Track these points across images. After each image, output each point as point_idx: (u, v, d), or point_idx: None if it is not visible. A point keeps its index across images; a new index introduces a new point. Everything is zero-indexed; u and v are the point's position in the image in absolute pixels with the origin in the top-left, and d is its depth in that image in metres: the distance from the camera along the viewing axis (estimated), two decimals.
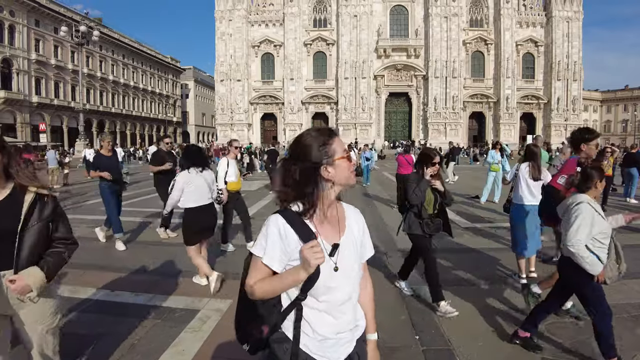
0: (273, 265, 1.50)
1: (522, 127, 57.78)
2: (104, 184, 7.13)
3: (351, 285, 1.56)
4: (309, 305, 1.51)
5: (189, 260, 6.21)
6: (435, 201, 4.48)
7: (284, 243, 1.49)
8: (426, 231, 4.43)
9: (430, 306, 4.44)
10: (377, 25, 55.33)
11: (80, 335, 3.75)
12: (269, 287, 1.50)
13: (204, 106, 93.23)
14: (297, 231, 1.48)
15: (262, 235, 1.54)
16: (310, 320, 1.52)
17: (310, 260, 1.38)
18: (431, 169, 4.36)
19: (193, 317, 4.12)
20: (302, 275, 1.43)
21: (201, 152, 5.49)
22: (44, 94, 50.12)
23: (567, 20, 54.77)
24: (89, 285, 5.08)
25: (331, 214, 1.57)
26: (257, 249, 1.53)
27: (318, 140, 1.52)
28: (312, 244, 1.41)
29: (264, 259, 1.51)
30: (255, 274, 1.53)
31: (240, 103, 56.66)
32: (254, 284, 1.51)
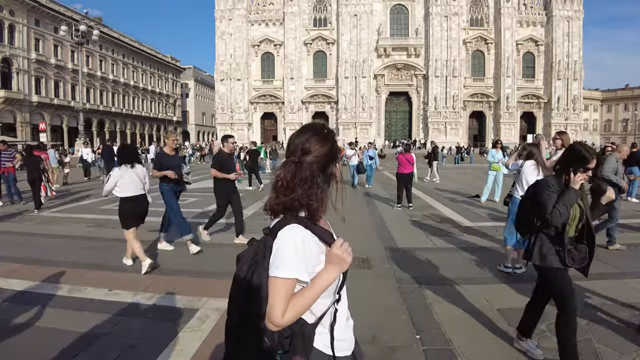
0: (302, 276, 1.33)
1: (523, 126, 57.77)
2: (166, 185, 6.75)
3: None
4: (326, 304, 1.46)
5: (187, 260, 6.21)
6: (580, 220, 3.17)
7: (305, 252, 1.36)
8: (569, 263, 3.12)
9: (431, 305, 4.42)
10: (377, 25, 55.29)
11: (78, 334, 3.74)
12: (303, 302, 1.33)
13: (204, 105, 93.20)
14: (317, 235, 1.39)
15: (294, 256, 1.33)
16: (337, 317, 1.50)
17: (345, 258, 1.36)
18: (583, 176, 3.06)
19: (192, 316, 4.09)
20: (334, 274, 1.36)
21: (132, 151, 6.26)
22: (44, 93, 50.10)
23: (568, 19, 54.73)
24: (88, 284, 5.05)
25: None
26: (286, 271, 1.31)
27: (331, 137, 1.48)
28: (339, 242, 1.38)
29: (299, 275, 1.32)
30: (281, 298, 1.30)
31: (240, 102, 56.65)
32: (286, 311, 1.30)
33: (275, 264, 1.32)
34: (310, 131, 1.47)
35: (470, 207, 11.39)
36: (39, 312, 4.23)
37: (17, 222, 9.54)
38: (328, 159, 1.44)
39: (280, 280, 1.30)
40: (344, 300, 1.52)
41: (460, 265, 6.02)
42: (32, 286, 5.02)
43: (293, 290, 1.33)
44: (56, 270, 5.54)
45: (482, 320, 4.13)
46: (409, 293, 4.80)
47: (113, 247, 7.14)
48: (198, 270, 5.71)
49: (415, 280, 5.22)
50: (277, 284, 1.30)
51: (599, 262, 6.11)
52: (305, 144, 1.43)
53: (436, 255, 6.57)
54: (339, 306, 1.48)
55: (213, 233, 7.97)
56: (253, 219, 9.68)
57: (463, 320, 4.11)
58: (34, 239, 7.82)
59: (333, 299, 1.45)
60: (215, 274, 5.56)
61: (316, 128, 1.48)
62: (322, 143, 1.44)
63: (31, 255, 6.54)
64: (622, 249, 6.76)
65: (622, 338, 3.72)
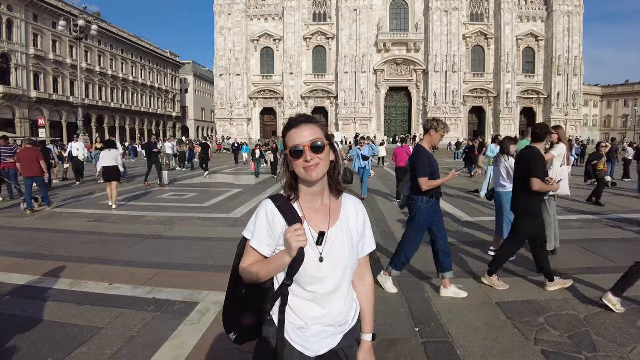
0: (261, 249, 1.53)
1: (522, 122, 57.65)
2: (427, 203, 4.56)
3: (340, 277, 1.53)
4: (296, 294, 1.50)
5: (187, 254, 6.25)
6: None
7: (271, 226, 1.51)
8: None
9: (430, 298, 4.45)
10: (377, 19, 55.07)
11: (79, 327, 3.76)
12: (256, 271, 1.51)
13: (203, 101, 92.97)
14: (285, 215, 1.50)
15: (252, 219, 1.57)
16: (296, 308, 1.51)
17: (292, 243, 1.38)
18: None
19: (192, 309, 4.12)
20: (287, 259, 1.43)
21: (111, 141, 12.12)
22: (43, 89, 49.92)
23: (568, 14, 54.51)
24: (88, 278, 5.08)
25: (322, 203, 1.56)
26: (246, 232, 1.57)
27: (285, 128, 1.56)
28: (295, 227, 1.41)
29: (252, 242, 1.54)
30: (247, 257, 1.56)
31: (239, 98, 56.49)
32: (245, 268, 1.54)
33: (246, 226, 1.60)
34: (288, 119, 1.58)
35: (469, 202, 11.42)
36: (40, 306, 4.25)
37: (18, 217, 9.56)
38: (287, 149, 1.52)
39: (243, 239, 1.60)
40: (305, 299, 1.51)
41: (459, 259, 6.05)
42: (33, 280, 5.04)
43: (253, 251, 1.54)
44: (57, 265, 5.56)
45: (481, 313, 4.16)
46: (408, 286, 4.83)
47: (113, 241, 7.17)
48: (199, 264, 5.73)
49: (415, 274, 5.24)
50: (246, 243, 1.58)
51: (596, 256, 6.16)
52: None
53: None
54: (290, 292, 1.50)
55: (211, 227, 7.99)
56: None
57: (462, 313, 4.14)
58: (35, 233, 7.84)
59: (280, 281, 1.50)
60: (216, 267, 5.58)
61: (288, 121, 1.56)
62: (283, 134, 1.55)
63: (32, 250, 6.55)
64: None
65: (620, 330, 3.75)
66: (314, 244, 1.47)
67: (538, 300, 4.44)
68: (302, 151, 1.46)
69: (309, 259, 1.46)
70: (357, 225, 1.60)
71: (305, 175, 1.48)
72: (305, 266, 1.45)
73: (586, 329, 3.77)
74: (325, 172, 1.51)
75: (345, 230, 1.56)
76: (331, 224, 1.54)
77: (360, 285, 1.68)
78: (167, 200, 12.11)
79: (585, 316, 4.03)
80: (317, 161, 1.47)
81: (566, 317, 4.02)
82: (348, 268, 1.55)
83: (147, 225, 8.49)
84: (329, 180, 1.56)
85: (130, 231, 7.93)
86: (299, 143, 1.47)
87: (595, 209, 10.39)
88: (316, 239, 1.46)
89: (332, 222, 1.54)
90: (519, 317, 4.00)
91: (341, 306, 1.55)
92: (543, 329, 3.78)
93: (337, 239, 1.53)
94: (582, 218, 9.20)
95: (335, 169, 1.58)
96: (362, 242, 1.63)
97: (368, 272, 1.72)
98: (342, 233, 1.54)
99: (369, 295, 1.70)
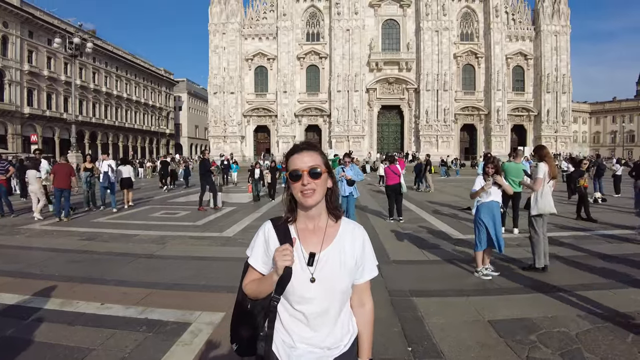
0: (257, 266, 1.62)
1: (513, 138, 58.33)
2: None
3: (330, 300, 1.54)
4: (288, 312, 1.56)
5: (179, 273, 6.21)
6: None
7: (267, 246, 1.60)
8: None
9: (422, 317, 4.46)
10: (369, 39, 55.97)
11: (70, 348, 3.72)
12: (253, 288, 1.60)
13: (197, 118, 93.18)
14: (279, 235, 1.57)
15: (254, 237, 1.67)
16: (287, 326, 1.56)
17: (277, 262, 1.45)
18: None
19: (184, 330, 4.09)
20: (274, 277, 1.48)
21: (126, 159, 16.56)
22: (36, 105, 49.82)
23: (555, 34, 55.83)
24: (79, 298, 5.02)
25: (317, 226, 1.60)
26: (248, 250, 1.67)
27: (288, 152, 1.63)
28: (283, 247, 1.48)
29: (250, 259, 1.64)
30: (247, 274, 1.65)
31: (233, 115, 56.69)
32: (245, 284, 1.63)
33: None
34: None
35: (461, 220, 11.48)
36: (30, 327, 4.20)
37: (8, 235, 9.45)
38: (287, 174, 1.59)
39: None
40: (295, 317, 1.55)
41: (451, 277, 6.07)
42: (23, 300, 4.97)
43: (250, 267, 1.63)
44: (47, 284, 5.49)
45: (473, 331, 4.17)
46: (401, 305, 4.83)
47: (105, 260, 7.11)
48: (191, 284, 5.69)
49: (407, 293, 5.25)
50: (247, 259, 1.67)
51: (586, 273, 6.21)
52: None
53: (428, 268, 6.64)
54: (284, 309, 1.56)
55: (204, 246, 7.94)
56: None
57: (454, 332, 4.14)
58: (25, 252, 7.76)
59: (269, 298, 1.55)
60: (208, 287, 5.55)
61: (292, 147, 1.66)
62: (286, 159, 1.62)
63: (22, 268, 6.48)
64: None
65: (610, 347, 3.78)
66: (304, 265, 1.51)
67: (529, 317, 4.46)
68: (301, 175, 1.52)
69: (298, 278, 1.50)
70: (354, 251, 1.59)
71: (301, 199, 1.54)
72: (293, 285, 1.49)
73: (577, 346, 3.79)
74: (320, 199, 1.56)
75: (339, 254, 1.56)
76: (324, 246, 1.56)
77: (360, 312, 1.68)
78: (159, 219, 12.05)
79: (577, 333, 4.06)
80: (313, 186, 1.52)
81: (557, 335, 4.04)
82: (338, 291, 1.55)
83: (139, 244, 8.43)
84: (327, 205, 1.62)
85: (122, 250, 7.87)
86: (298, 167, 1.54)
87: (586, 225, 10.51)
88: (307, 260, 1.51)
89: (326, 245, 1.57)
90: (511, 335, 4.02)
91: (331, 329, 1.56)
92: (535, 346, 3.80)
93: (329, 261, 1.54)
94: (574, 234, 9.29)
95: (333, 194, 1.63)
96: (361, 268, 1.62)
97: (368, 299, 1.70)
98: (335, 256, 1.56)
99: (367, 322, 1.68)
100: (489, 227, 5.89)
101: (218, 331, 4.05)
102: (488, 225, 5.89)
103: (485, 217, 5.95)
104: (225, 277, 6.06)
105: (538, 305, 4.88)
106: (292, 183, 1.56)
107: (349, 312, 1.65)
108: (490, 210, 5.99)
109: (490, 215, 5.95)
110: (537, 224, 6.28)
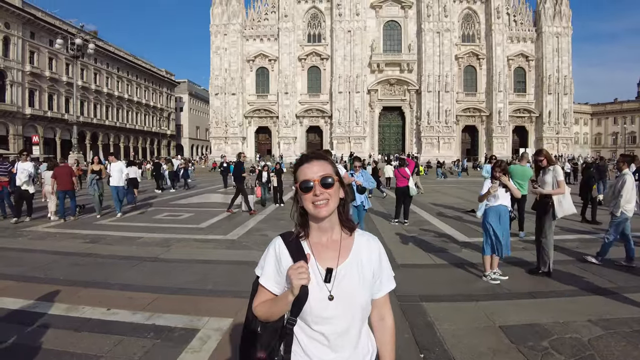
0: (269, 286, 1.51)
1: (515, 140, 58.33)
2: None
3: (350, 318, 1.46)
4: (306, 333, 1.46)
5: (184, 277, 6.17)
6: None
7: (279, 263, 1.49)
8: None
9: (433, 323, 4.41)
10: (370, 41, 55.97)
11: (77, 355, 3.67)
12: (265, 310, 1.48)
13: (198, 119, 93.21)
14: (291, 252, 1.47)
15: (263, 255, 1.57)
16: (306, 349, 1.45)
17: (293, 281, 1.34)
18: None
19: (193, 336, 4.03)
20: (290, 297, 1.38)
21: (133, 161, 16.81)
22: (38, 105, 49.85)
23: (557, 35, 55.82)
24: (84, 303, 4.96)
25: (331, 239, 1.52)
26: (257, 269, 1.56)
27: (296, 163, 1.55)
28: (298, 264, 1.38)
29: (261, 279, 1.53)
30: (258, 295, 1.54)
31: (234, 116, 56.71)
32: (255, 306, 1.52)
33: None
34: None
35: (466, 222, 11.43)
36: (35, 333, 4.14)
37: (10, 237, 9.40)
38: (297, 185, 1.51)
39: (257, 276, 1.57)
40: (314, 339, 1.46)
41: (459, 281, 6.02)
42: (27, 305, 4.91)
43: (261, 287, 1.53)
44: (52, 288, 5.44)
45: (484, 337, 4.12)
46: (410, 310, 4.78)
47: (109, 264, 7.06)
48: (197, 288, 5.64)
49: (417, 298, 5.20)
50: (256, 278, 1.57)
51: (594, 277, 6.16)
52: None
53: (435, 272, 6.59)
54: (301, 331, 1.46)
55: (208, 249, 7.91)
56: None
57: (465, 337, 4.09)
58: (28, 255, 7.71)
59: (285, 318, 1.46)
60: (214, 292, 5.50)
61: (300, 157, 1.58)
62: (295, 170, 1.55)
63: (25, 272, 6.43)
64: None
65: (624, 353, 3.73)
66: (321, 282, 1.43)
67: (540, 323, 4.41)
68: (312, 186, 1.45)
69: (315, 297, 1.41)
70: (372, 264, 1.53)
71: (313, 211, 1.46)
72: (310, 304, 1.40)
73: (591, 352, 3.75)
74: (334, 209, 1.49)
75: (356, 268, 1.49)
76: (340, 261, 1.48)
77: (380, 327, 1.61)
78: (162, 221, 12.00)
79: (589, 339, 4.01)
80: (326, 196, 1.45)
81: (570, 341, 3.99)
82: (359, 308, 1.48)
83: (144, 247, 8.39)
84: (339, 217, 1.53)
85: (126, 253, 7.82)
86: (309, 178, 1.46)
87: (591, 227, 10.47)
88: (324, 276, 1.42)
89: (342, 259, 1.49)
90: (523, 341, 3.97)
91: (353, 350, 1.48)
92: (548, 353, 3.75)
93: (347, 276, 1.47)
94: (579, 237, 9.24)
95: (345, 205, 1.55)
96: (378, 281, 1.56)
97: (388, 313, 1.62)
98: (353, 270, 1.48)
99: (389, 338, 1.61)
100: (496, 231, 5.85)
101: (227, 338, 4.01)
102: (496, 229, 5.85)
103: (493, 221, 5.90)
104: (231, 282, 6.02)
105: (548, 310, 4.83)
106: (302, 194, 1.47)
107: (368, 331, 1.57)
108: (497, 214, 5.94)
109: (497, 219, 5.91)
110: (551, 228, 6.26)
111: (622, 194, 6.72)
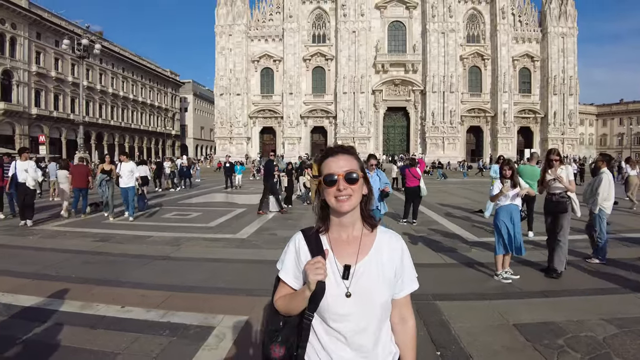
0: (288, 280, 1.51)
1: (520, 141, 58.12)
2: None
3: (368, 316, 1.43)
4: (325, 330, 1.44)
5: (195, 275, 6.19)
6: None
7: (298, 258, 1.49)
8: None
9: (448, 321, 4.41)
10: (375, 41, 55.96)
11: (94, 352, 3.69)
12: (285, 303, 1.47)
13: (202, 120, 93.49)
14: (310, 246, 1.47)
15: (284, 249, 1.57)
16: (326, 346, 1.44)
17: (309, 276, 1.34)
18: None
19: (209, 334, 4.04)
20: (307, 293, 1.38)
21: (143, 160, 20.04)
22: (44, 105, 50.19)
23: (562, 35, 55.58)
24: (98, 300, 4.99)
25: (352, 235, 1.50)
26: (278, 263, 1.56)
27: (321, 156, 1.55)
28: (315, 259, 1.37)
29: (281, 273, 1.53)
30: (279, 289, 1.54)
31: (239, 117, 56.85)
32: (276, 300, 1.52)
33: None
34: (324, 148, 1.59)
35: (474, 222, 11.42)
36: (51, 330, 4.17)
37: (20, 236, 9.46)
38: (322, 177, 1.49)
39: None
40: (332, 336, 1.44)
41: (471, 280, 6.02)
42: (42, 302, 4.95)
43: (281, 281, 1.53)
44: (65, 286, 5.47)
45: (499, 335, 4.13)
46: (424, 309, 4.78)
47: (120, 262, 7.10)
48: (209, 286, 5.66)
49: (430, 297, 5.20)
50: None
51: (606, 276, 6.14)
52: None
53: (447, 271, 6.59)
54: (320, 327, 1.45)
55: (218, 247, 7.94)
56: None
57: (480, 335, 4.10)
58: (40, 253, 7.76)
59: (301, 315, 1.45)
60: (226, 290, 5.52)
61: (325, 150, 1.56)
62: (319, 163, 1.54)
63: (38, 270, 6.47)
64: None
65: (629, 352, 3.72)
66: (339, 278, 1.41)
67: (554, 321, 4.41)
68: (336, 180, 1.43)
69: (332, 293, 1.39)
70: (393, 262, 1.49)
71: (336, 205, 1.44)
72: (327, 301, 1.39)
73: (606, 350, 3.75)
74: (356, 205, 1.47)
75: (376, 265, 1.46)
76: (360, 258, 1.45)
77: (401, 330, 1.55)
78: (171, 220, 12.05)
79: (604, 338, 4.01)
80: (349, 192, 1.43)
81: (585, 339, 3.99)
82: (377, 306, 1.44)
83: (154, 245, 8.43)
84: (362, 213, 1.51)
85: (136, 251, 7.87)
86: (334, 172, 1.44)
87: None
88: (342, 273, 1.41)
89: (362, 256, 1.46)
90: (538, 340, 3.97)
91: (372, 348, 1.45)
92: (563, 351, 3.75)
93: (366, 273, 1.44)
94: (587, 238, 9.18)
95: (368, 202, 1.53)
96: (400, 281, 1.51)
97: (410, 314, 1.57)
98: (372, 268, 1.45)
99: (410, 340, 1.56)
100: (509, 229, 5.85)
101: (243, 335, 4.02)
102: (509, 228, 5.84)
103: (505, 220, 5.90)
104: (242, 280, 6.04)
105: (561, 309, 4.83)
106: (326, 188, 1.45)
107: (390, 332, 1.53)
108: (509, 213, 5.93)
109: (509, 218, 5.90)
110: (569, 227, 6.39)
111: (599, 192, 6.99)
